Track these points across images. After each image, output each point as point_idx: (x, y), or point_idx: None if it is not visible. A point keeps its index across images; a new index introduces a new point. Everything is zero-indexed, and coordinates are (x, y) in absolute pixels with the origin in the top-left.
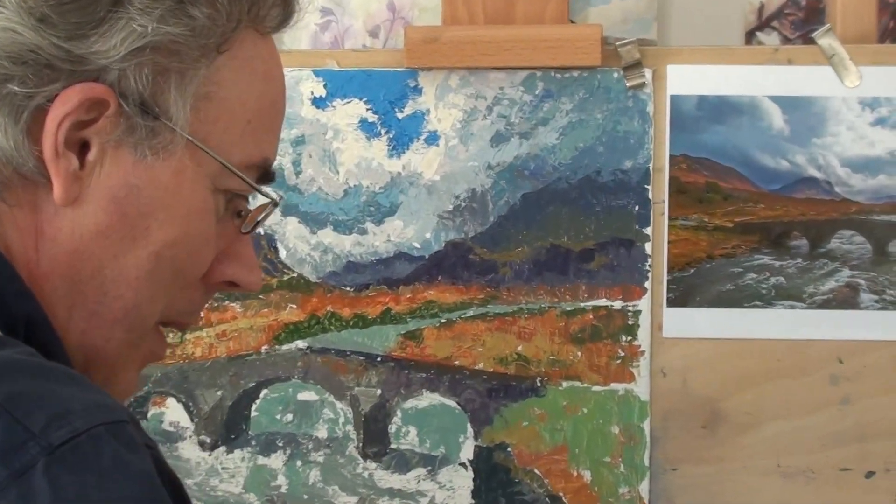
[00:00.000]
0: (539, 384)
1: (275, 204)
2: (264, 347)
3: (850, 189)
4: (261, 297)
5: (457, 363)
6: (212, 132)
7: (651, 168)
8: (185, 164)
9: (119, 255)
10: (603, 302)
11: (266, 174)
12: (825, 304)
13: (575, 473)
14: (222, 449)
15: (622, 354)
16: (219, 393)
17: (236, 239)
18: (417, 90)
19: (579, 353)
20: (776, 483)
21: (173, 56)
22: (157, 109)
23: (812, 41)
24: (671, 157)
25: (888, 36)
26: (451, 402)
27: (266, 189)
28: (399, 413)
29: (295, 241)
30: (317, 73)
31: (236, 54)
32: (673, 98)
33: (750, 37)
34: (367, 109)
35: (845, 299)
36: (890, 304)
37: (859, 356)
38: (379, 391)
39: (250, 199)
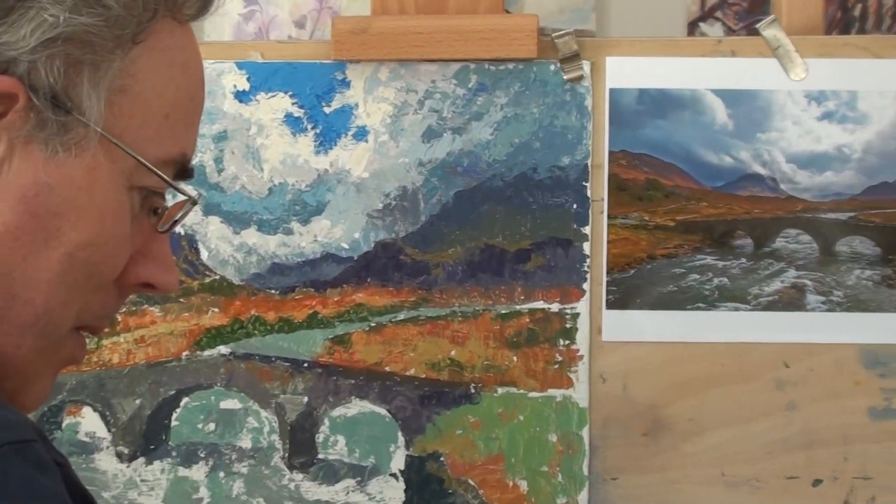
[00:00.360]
0: (473, 391)
1: (193, 202)
2: (185, 353)
3: (795, 186)
4: (181, 300)
5: (387, 369)
6: (127, 127)
7: (589, 165)
8: (100, 160)
9: (29, 257)
10: (540, 304)
11: (184, 170)
12: (770, 306)
13: (511, 483)
14: (141, 460)
15: (560, 359)
16: (137, 401)
17: (152, 238)
18: (345, 83)
19: (515, 358)
20: (720, 492)
21: (86, 47)
22: (69, 104)
23: (756, 32)
24: (610, 153)
25: (835, 27)
26: (382, 410)
27: (184, 186)
28: (327, 421)
29: (217, 241)
30: (240, 66)
31: (153, 45)
32: (612, 91)
33: (692, 28)
34: (293, 104)
35: (791, 301)
36: (837, 305)
37: (805, 360)
38: (306, 399)
39: (167, 196)
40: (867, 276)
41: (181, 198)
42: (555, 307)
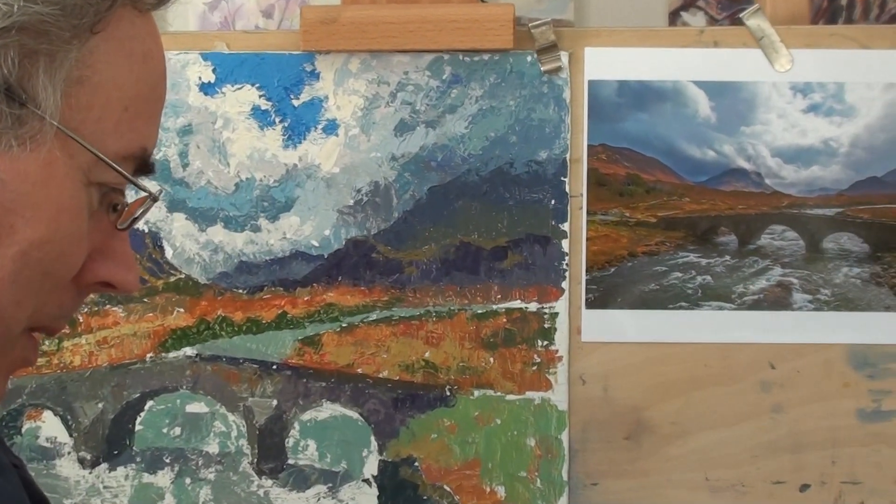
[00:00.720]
0: (448, 393)
1: (154, 198)
2: (149, 355)
3: (781, 181)
4: (145, 300)
5: (359, 371)
6: (85, 120)
7: (568, 159)
8: (56, 155)
9: None
10: (517, 304)
11: (144, 165)
12: (755, 305)
13: (488, 489)
14: (104, 466)
15: (538, 360)
16: (100, 405)
17: (111, 236)
18: (314, 75)
19: (492, 360)
20: (704, 498)
21: (42, 37)
22: (24, 95)
23: (740, 22)
24: (589, 147)
25: (821, 16)
26: (354, 414)
27: (144, 182)
28: (297, 425)
29: (182, 239)
30: (205, 57)
31: (112, 34)
32: (591, 83)
33: (674, 17)
34: (260, 96)
35: (777, 300)
36: (824, 304)
37: (792, 361)
38: (275, 402)
39: (127, 192)
40: (855, 274)
41: (141, 193)
42: (533, 307)
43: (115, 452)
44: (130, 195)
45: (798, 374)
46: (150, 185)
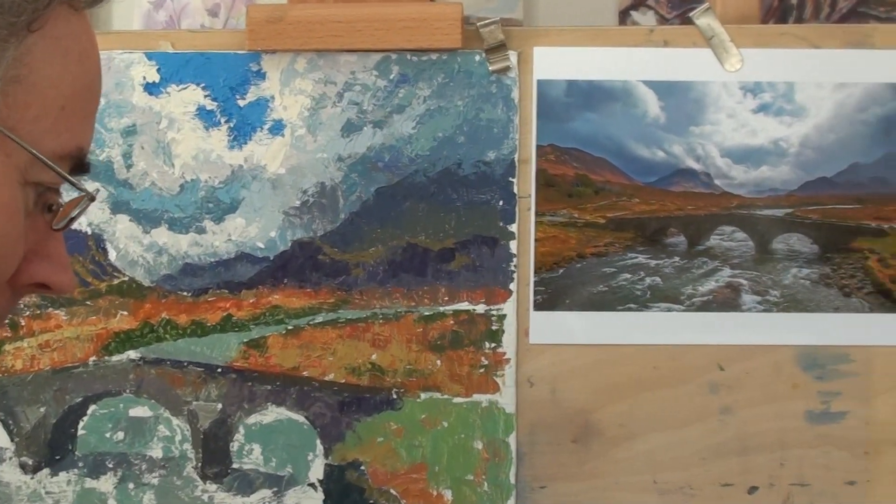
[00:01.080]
0: (395, 396)
1: (91, 198)
2: (92, 359)
3: (730, 181)
4: (88, 303)
5: (305, 374)
6: (21, 119)
7: (516, 159)
8: None
9: None
10: (464, 306)
11: (81, 165)
12: (704, 307)
13: (435, 493)
14: (46, 471)
15: (486, 363)
16: (42, 409)
17: (47, 236)
18: (261, 75)
19: (439, 362)
20: (653, 500)
21: None
22: None
23: (690, 21)
24: (538, 147)
25: (772, 16)
26: (299, 417)
27: (80, 181)
28: (242, 429)
29: (126, 241)
30: (149, 57)
31: (49, 33)
32: (540, 83)
33: (623, 16)
34: (206, 96)
35: (726, 301)
36: (773, 305)
37: (741, 362)
38: (219, 405)
39: (63, 192)
40: (805, 275)
41: (77, 194)
42: (480, 308)
43: (58, 457)
44: (66, 195)
45: (747, 375)
46: (87, 184)
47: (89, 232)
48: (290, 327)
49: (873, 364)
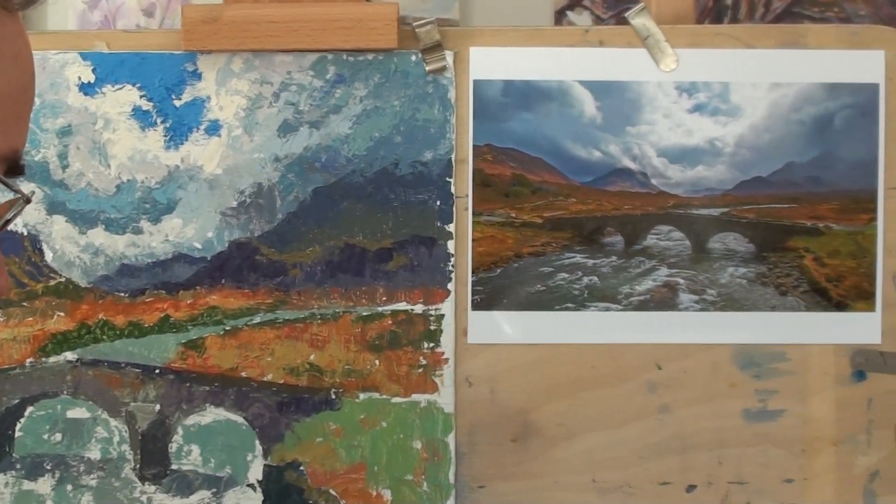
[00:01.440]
0: (334, 396)
1: (26, 200)
2: (29, 360)
3: (667, 181)
4: (24, 304)
5: (243, 374)
6: None
7: (453, 159)
8: None
9: None
10: (402, 306)
11: (15, 166)
12: (642, 306)
13: (374, 493)
14: None
15: (424, 363)
16: None
17: None
18: (196, 75)
19: (377, 362)
20: (592, 499)
21: None
22: None
23: (625, 21)
24: (475, 147)
25: (707, 16)
26: (238, 418)
27: (15, 183)
28: (180, 430)
29: (62, 242)
30: (84, 57)
31: None
32: (476, 83)
33: (559, 17)
34: (141, 96)
35: (663, 300)
36: (710, 304)
37: (679, 361)
38: (157, 406)
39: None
40: (741, 274)
41: (10, 196)
42: (418, 308)
43: None
44: (1, 197)
45: (685, 374)
46: (23, 186)
47: (25, 233)
48: (227, 328)
49: (809, 362)
